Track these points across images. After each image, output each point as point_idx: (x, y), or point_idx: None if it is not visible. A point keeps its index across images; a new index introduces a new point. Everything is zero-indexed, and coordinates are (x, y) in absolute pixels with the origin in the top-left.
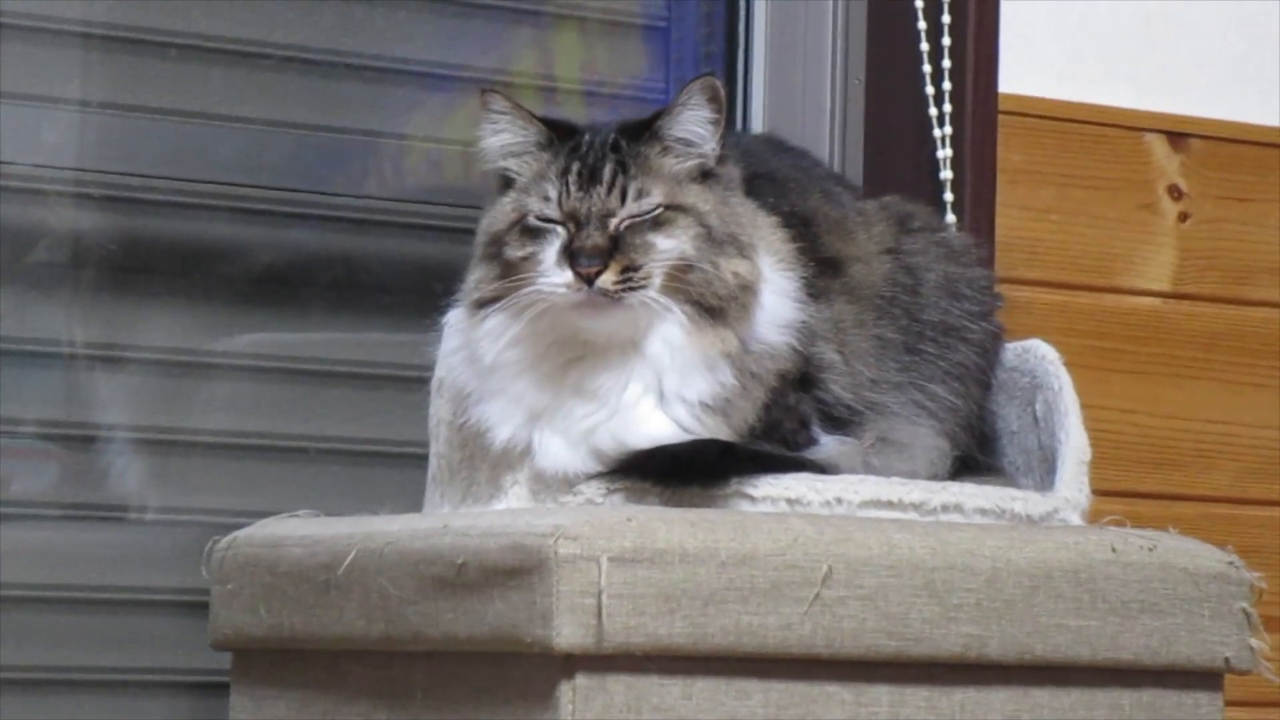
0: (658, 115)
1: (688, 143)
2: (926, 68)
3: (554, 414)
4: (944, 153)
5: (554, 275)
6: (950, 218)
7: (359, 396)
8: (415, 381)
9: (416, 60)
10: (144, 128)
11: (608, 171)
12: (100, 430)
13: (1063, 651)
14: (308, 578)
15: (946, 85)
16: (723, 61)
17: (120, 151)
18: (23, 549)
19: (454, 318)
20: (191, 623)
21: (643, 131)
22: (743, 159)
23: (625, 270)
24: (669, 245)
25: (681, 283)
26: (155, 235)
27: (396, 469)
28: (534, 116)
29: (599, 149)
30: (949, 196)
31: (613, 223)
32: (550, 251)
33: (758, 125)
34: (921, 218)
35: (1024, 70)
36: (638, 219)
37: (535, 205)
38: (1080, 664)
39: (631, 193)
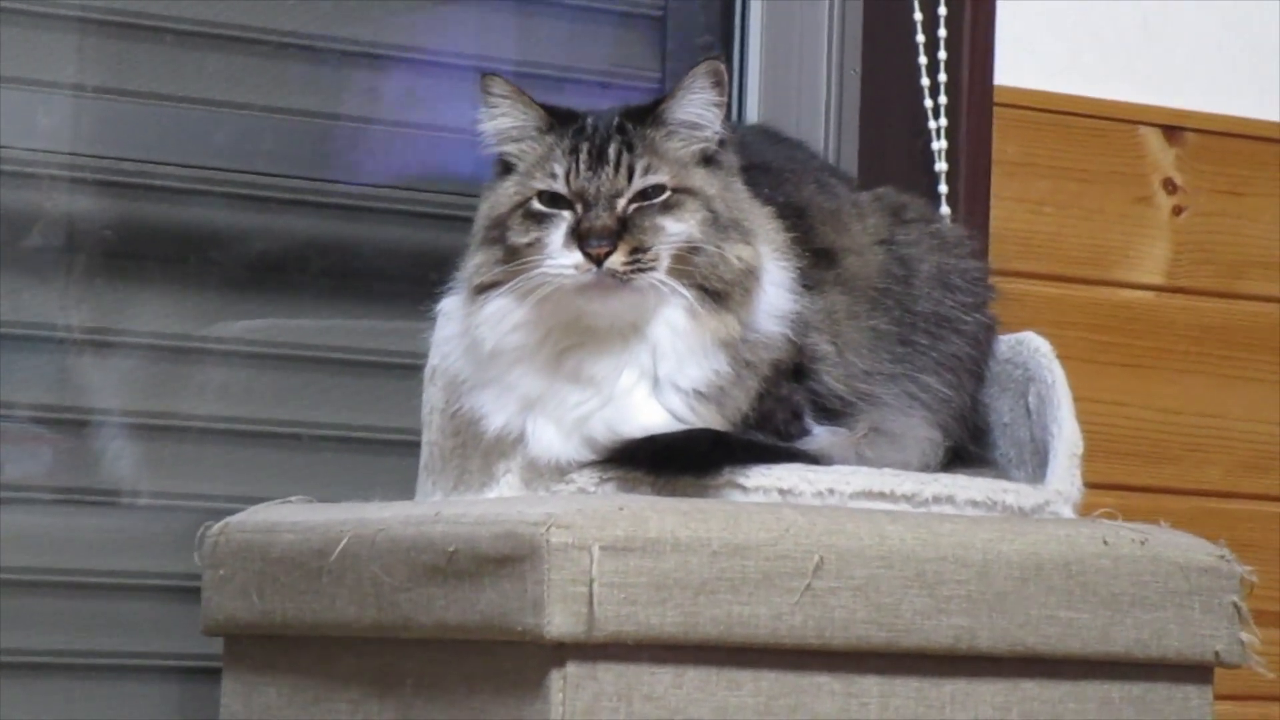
0: (663, 98)
1: (693, 126)
2: (922, 59)
3: (547, 402)
4: (939, 144)
5: (561, 257)
6: (945, 209)
7: (353, 383)
8: (409, 369)
9: (412, 47)
10: (140, 113)
11: (614, 152)
12: (94, 415)
13: (1053, 644)
14: (300, 564)
15: (942, 77)
16: (719, 52)
17: (116, 136)
18: (16, 533)
19: (449, 305)
20: (183, 608)
21: (647, 115)
22: (738, 150)
23: (634, 251)
24: (678, 228)
25: (688, 266)
26: (150, 220)
27: (390, 456)
28: (534, 101)
29: (604, 131)
30: (944, 188)
31: (620, 204)
32: (557, 234)
33: (753, 116)
34: (915, 209)
35: (1020, 63)
36: (646, 201)
37: (541, 185)
38: (1070, 656)
39: (639, 173)
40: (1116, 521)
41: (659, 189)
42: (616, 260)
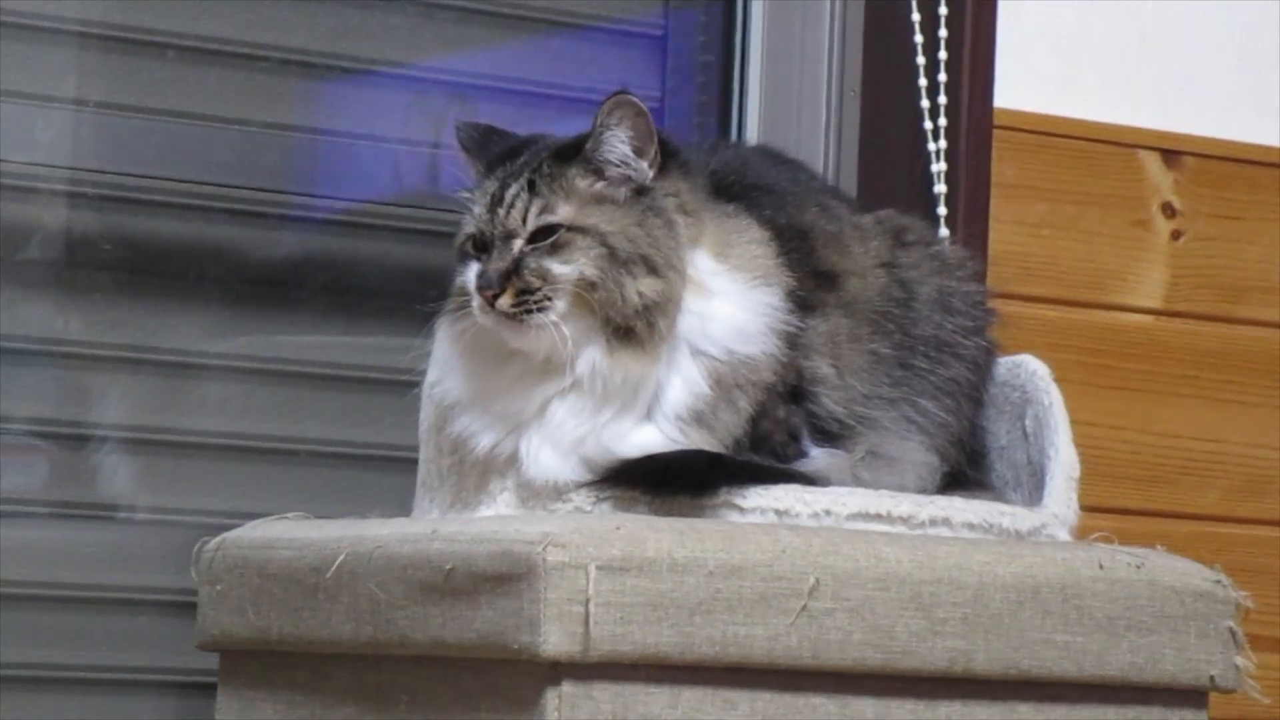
0: (585, 134)
1: (610, 163)
2: (922, 81)
3: (542, 424)
4: (938, 166)
5: (474, 298)
6: (943, 231)
7: (351, 399)
8: (407, 385)
9: (412, 64)
10: (139, 128)
11: (511, 194)
12: (91, 429)
13: (1048, 667)
14: (296, 580)
15: (942, 99)
16: (718, 71)
17: (115, 151)
18: (12, 546)
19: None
20: (179, 623)
21: (573, 151)
22: (739, 170)
23: (520, 294)
24: (564, 270)
25: (590, 304)
26: (149, 235)
27: (387, 473)
28: (479, 151)
29: (520, 169)
30: (942, 210)
31: (516, 245)
32: (471, 276)
33: (753, 136)
34: (916, 231)
35: (1019, 85)
36: (539, 242)
37: (466, 229)
38: (1066, 680)
39: (533, 215)
40: (1113, 545)
41: (552, 229)
42: (504, 303)
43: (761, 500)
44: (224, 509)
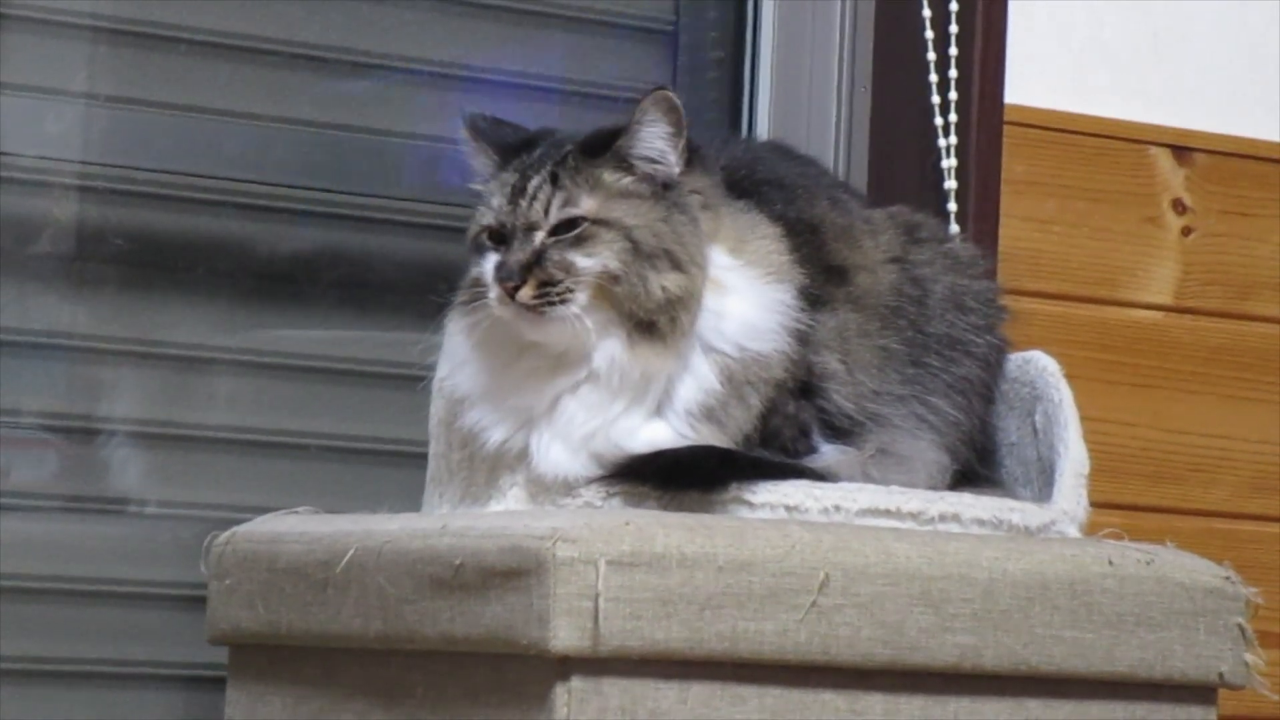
0: (618, 128)
1: (642, 158)
2: (933, 77)
3: (553, 419)
4: (949, 162)
5: (491, 290)
6: (954, 227)
7: (362, 394)
8: (418, 381)
9: (424, 60)
10: (150, 122)
11: (534, 185)
12: (101, 423)
13: (1058, 663)
14: (306, 575)
15: (952, 95)
16: (730, 67)
17: (126, 145)
18: (21, 540)
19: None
20: (189, 617)
21: (599, 144)
22: (750, 166)
23: (542, 285)
24: (587, 263)
25: (612, 297)
26: (160, 230)
27: (397, 468)
28: (494, 140)
29: (540, 161)
30: (953, 206)
31: (538, 237)
32: (489, 267)
33: (764, 131)
34: (929, 228)
35: (1030, 82)
36: (563, 234)
37: (483, 220)
38: (1075, 676)
39: (556, 207)
40: (1122, 541)
41: (575, 222)
42: (526, 295)
43: (771, 496)
44: (233, 503)
